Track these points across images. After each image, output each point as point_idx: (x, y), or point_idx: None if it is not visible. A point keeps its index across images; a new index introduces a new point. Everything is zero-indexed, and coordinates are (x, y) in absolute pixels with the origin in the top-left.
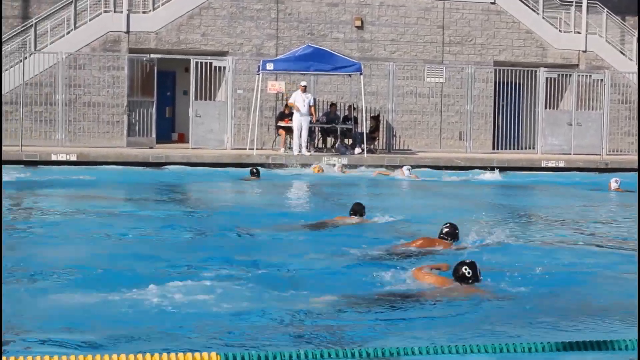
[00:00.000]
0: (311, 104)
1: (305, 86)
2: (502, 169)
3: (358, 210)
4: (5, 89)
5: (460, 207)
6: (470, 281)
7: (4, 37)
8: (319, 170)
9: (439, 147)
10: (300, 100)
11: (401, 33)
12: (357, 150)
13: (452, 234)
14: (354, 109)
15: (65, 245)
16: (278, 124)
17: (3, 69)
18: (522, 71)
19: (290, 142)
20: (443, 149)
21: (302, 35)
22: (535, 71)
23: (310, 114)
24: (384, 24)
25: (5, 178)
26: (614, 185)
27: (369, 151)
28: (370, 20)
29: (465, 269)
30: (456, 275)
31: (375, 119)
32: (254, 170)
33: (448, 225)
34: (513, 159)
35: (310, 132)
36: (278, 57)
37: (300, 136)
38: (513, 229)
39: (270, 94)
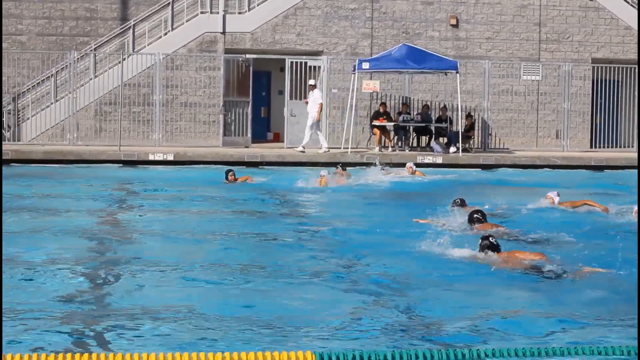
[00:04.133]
0: (317, 102)
1: (311, 84)
2: (599, 168)
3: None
4: (104, 90)
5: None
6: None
7: (103, 39)
8: (322, 183)
9: (535, 145)
10: (310, 99)
11: (497, 31)
12: (453, 149)
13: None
14: (447, 108)
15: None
16: (372, 123)
17: (102, 71)
18: (621, 68)
19: (384, 141)
20: (539, 148)
21: (396, 34)
22: (635, 68)
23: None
24: (479, 22)
25: (105, 177)
26: None
27: (464, 150)
28: (465, 18)
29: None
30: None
31: (470, 117)
32: (228, 175)
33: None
34: (611, 157)
35: (405, 131)
36: (373, 57)
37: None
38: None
39: (364, 93)
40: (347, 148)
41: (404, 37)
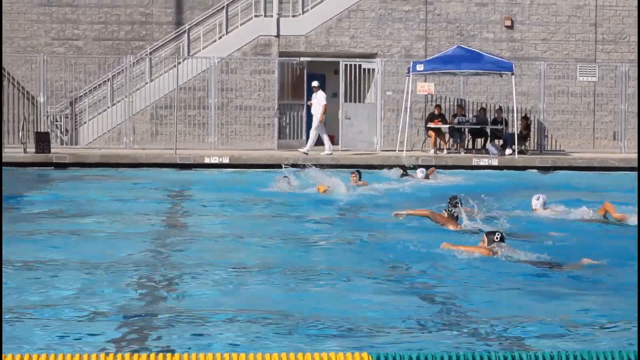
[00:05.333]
0: (321, 103)
1: (315, 86)
2: None
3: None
4: (159, 94)
5: None
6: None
7: (159, 43)
8: (324, 191)
9: (592, 147)
10: (314, 100)
11: (552, 32)
12: (508, 151)
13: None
14: (502, 110)
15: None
16: (427, 125)
17: (158, 75)
18: None
19: (440, 143)
20: (596, 150)
21: (451, 36)
22: None
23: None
24: (534, 23)
25: (161, 180)
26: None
27: (520, 152)
28: (520, 20)
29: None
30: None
31: (526, 119)
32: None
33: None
34: None
35: (460, 133)
36: (428, 58)
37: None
38: None
39: (419, 96)
40: (402, 150)
41: (458, 39)
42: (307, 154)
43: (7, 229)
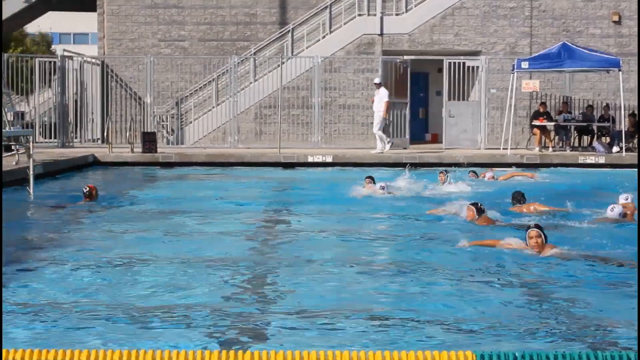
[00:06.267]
0: (383, 100)
1: (376, 83)
2: None
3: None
4: (264, 94)
5: None
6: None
7: (263, 43)
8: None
9: None
10: (376, 98)
11: None
12: (615, 149)
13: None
14: (609, 107)
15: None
16: (532, 123)
17: (262, 74)
18: None
19: (545, 141)
20: None
21: (557, 33)
22: None
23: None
24: None
25: (265, 179)
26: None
27: (628, 150)
28: (628, 15)
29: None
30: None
31: (633, 116)
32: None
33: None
34: None
35: (566, 131)
36: (532, 56)
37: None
38: None
39: (524, 93)
40: (507, 148)
41: (564, 35)
42: (382, 152)
43: (115, 227)
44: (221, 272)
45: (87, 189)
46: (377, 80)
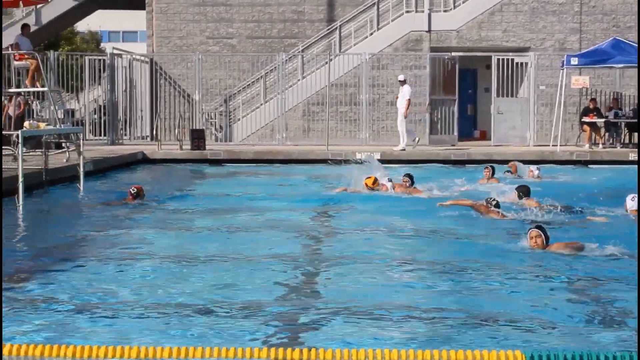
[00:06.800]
0: (405, 97)
1: (400, 80)
2: None
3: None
4: (311, 91)
5: None
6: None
7: (311, 40)
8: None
9: None
10: (400, 94)
11: None
12: None
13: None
14: None
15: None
16: (582, 120)
17: (310, 71)
18: None
19: (595, 138)
20: None
21: (606, 28)
22: None
23: (404, 107)
24: None
25: (314, 176)
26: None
27: None
28: None
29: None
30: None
31: None
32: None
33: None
34: None
35: (616, 127)
36: (582, 52)
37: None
38: None
39: (574, 89)
40: (556, 145)
41: (614, 31)
42: (404, 149)
43: (163, 225)
44: (271, 270)
45: (135, 190)
46: (401, 78)
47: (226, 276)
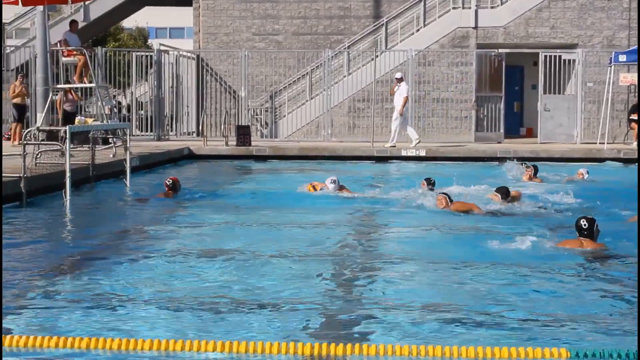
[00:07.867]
0: (402, 95)
1: (397, 78)
2: None
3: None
4: (357, 87)
5: None
6: (585, 233)
7: (357, 36)
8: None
9: None
10: (397, 92)
11: None
12: None
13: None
14: None
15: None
16: (630, 117)
17: (355, 68)
18: None
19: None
20: None
21: None
22: None
23: (401, 104)
24: None
25: (359, 173)
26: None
27: None
28: None
29: (583, 222)
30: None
31: None
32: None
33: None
34: None
35: None
36: (631, 48)
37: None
38: None
39: (622, 87)
40: (603, 143)
41: None
42: (394, 146)
43: (209, 219)
44: (314, 266)
45: (170, 181)
46: (398, 75)
47: (266, 272)
